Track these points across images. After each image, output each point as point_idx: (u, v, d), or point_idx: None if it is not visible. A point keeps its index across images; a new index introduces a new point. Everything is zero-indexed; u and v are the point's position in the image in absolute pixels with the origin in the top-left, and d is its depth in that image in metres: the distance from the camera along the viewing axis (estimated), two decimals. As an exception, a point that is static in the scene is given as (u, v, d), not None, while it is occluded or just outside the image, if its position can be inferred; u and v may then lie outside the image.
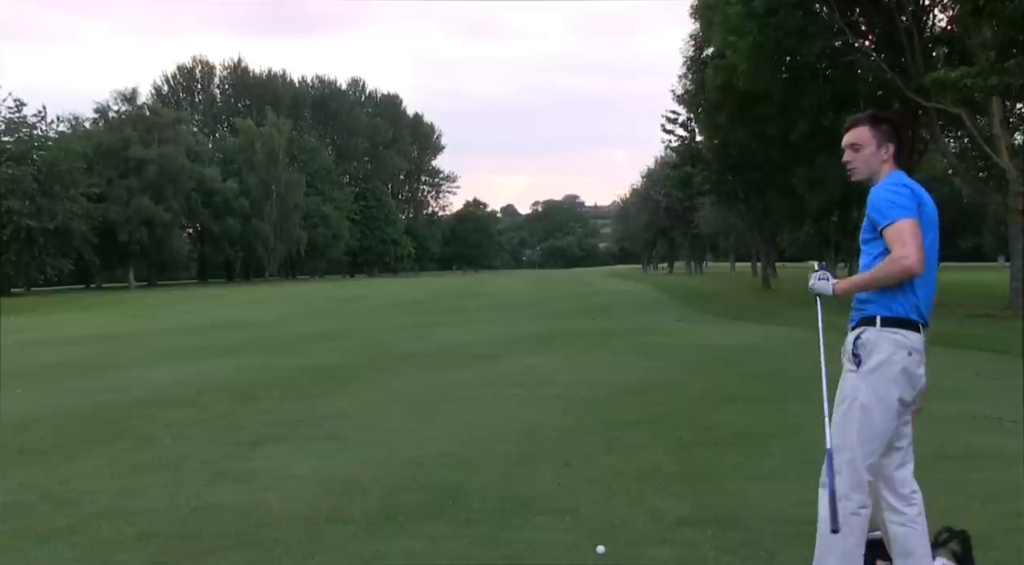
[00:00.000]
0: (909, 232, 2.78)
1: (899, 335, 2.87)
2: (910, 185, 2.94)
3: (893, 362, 2.86)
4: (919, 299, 2.89)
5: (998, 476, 4.82)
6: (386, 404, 7.83)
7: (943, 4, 22.73)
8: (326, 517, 4.28)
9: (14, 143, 52.11)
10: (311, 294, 42.18)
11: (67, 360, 12.92)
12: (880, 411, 2.88)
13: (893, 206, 2.83)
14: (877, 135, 3.03)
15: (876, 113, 3.15)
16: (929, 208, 2.93)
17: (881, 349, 2.87)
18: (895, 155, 3.05)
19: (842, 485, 2.87)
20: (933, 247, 2.93)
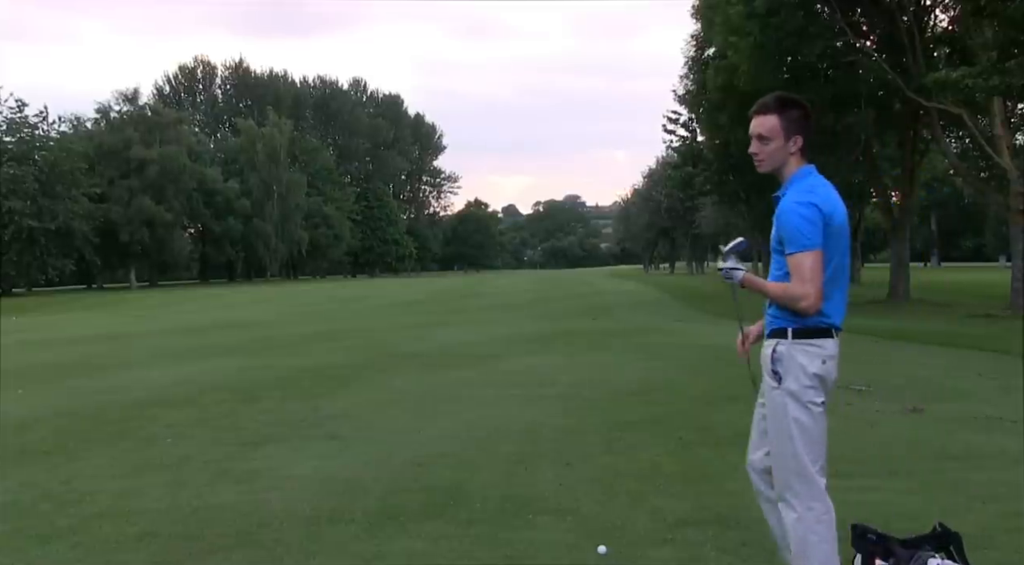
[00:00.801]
0: (810, 268, 2.78)
1: (812, 346, 2.90)
2: (817, 200, 2.85)
3: (810, 373, 2.90)
4: (832, 306, 2.91)
5: (999, 476, 4.82)
6: (387, 404, 7.84)
7: (944, 4, 22.74)
8: (327, 517, 4.29)
9: (16, 143, 52.18)
10: (312, 294, 42.19)
11: (68, 360, 12.94)
12: (811, 419, 2.93)
13: (799, 234, 2.80)
14: (785, 126, 2.93)
15: (784, 97, 3.01)
16: (839, 218, 2.89)
17: (796, 362, 2.90)
18: (803, 148, 2.96)
19: (802, 500, 2.91)
20: (845, 253, 2.95)
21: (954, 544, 3.33)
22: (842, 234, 2.91)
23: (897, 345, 12.49)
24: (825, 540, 2.92)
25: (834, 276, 2.90)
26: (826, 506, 2.94)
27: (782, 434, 2.97)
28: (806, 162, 2.99)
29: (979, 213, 67.66)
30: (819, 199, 2.85)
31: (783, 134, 2.93)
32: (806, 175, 2.96)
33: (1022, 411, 6.61)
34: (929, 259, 76.79)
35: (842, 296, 2.97)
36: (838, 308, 2.95)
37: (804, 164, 2.98)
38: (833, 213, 2.86)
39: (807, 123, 2.97)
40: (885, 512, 4.09)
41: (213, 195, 68.16)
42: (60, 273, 55.13)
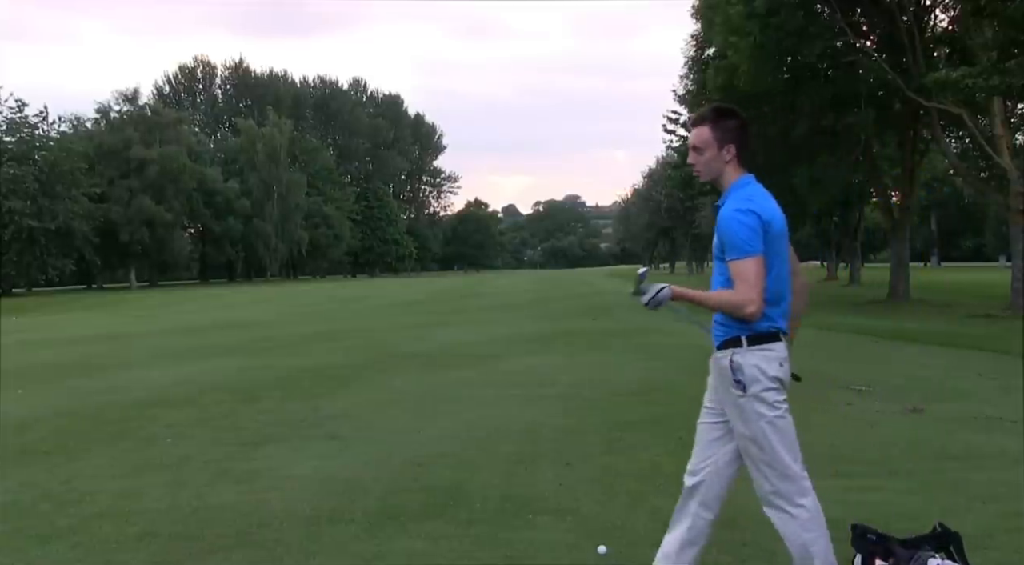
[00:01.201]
0: (753, 273, 2.83)
1: (767, 350, 2.97)
2: (755, 207, 2.90)
3: (770, 376, 2.97)
4: (778, 311, 2.98)
5: (999, 476, 4.82)
6: (387, 404, 7.84)
7: (944, 4, 22.75)
8: (327, 517, 4.29)
9: (16, 143, 52.16)
10: (312, 294, 42.19)
11: (68, 360, 12.94)
12: (782, 419, 3.02)
13: (741, 241, 2.85)
14: (718, 136, 2.99)
15: (720, 108, 3.09)
16: (777, 225, 2.94)
17: (755, 368, 2.96)
18: (738, 156, 3.02)
19: (792, 501, 3.00)
20: (785, 260, 3.01)
21: (954, 544, 3.33)
22: (782, 241, 2.98)
23: (897, 345, 12.49)
24: (822, 536, 2.97)
25: (777, 281, 2.96)
26: (814, 503, 3.02)
27: (758, 441, 3.03)
28: (744, 172, 3.04)
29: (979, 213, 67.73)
30: (758, 207, 2.90)
31: (716, 144, 2.99)
32: (744, 184, 3.01)
33: (1022, 411, 6.61)
34: (929, 259, 76.80)
35: (785, 301, 3.04)
36: (784, 312, 3.03)
37: (743, 174, 3.04)
38: (772, 220, 2.92)
39: (742, 133, 3.03)
40: (885, 512, 4.09)
41: (213, 195, 68.16)
42: (60, 273, 55.10)
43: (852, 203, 39.50)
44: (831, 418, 6.67)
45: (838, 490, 4.56)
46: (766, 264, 2.86)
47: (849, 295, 29.25)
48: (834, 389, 8.05)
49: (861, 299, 25.45)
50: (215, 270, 79.74)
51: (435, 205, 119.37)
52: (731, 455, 3.21)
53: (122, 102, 66.43)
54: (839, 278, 45.75)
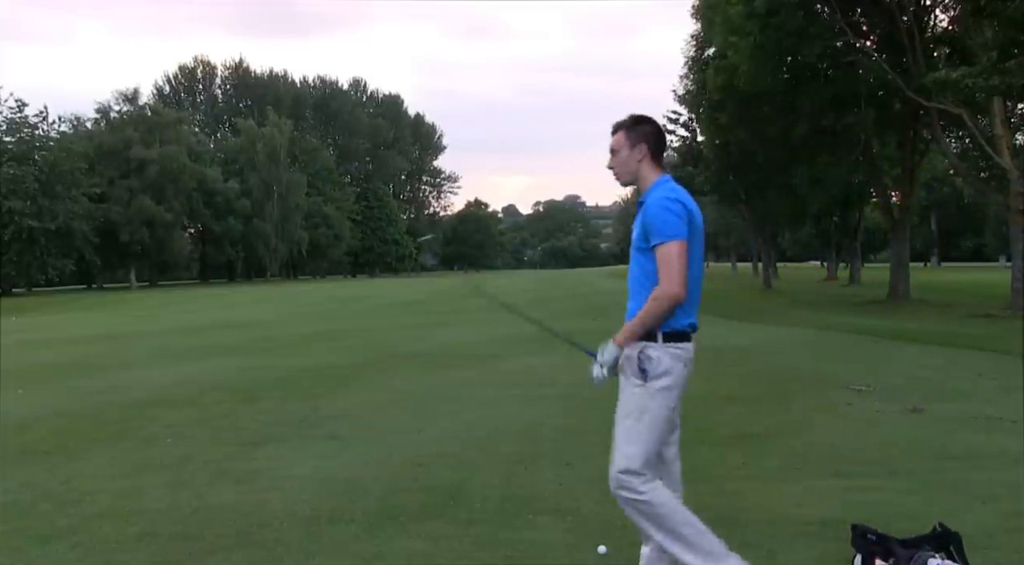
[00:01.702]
0: (677, 256, 2.92)
1: (679, 349, 3.03)
2: (682, 198, 3.02)
3: (676, 376, 3.04)
4: (689, 311, 3.05)
5: (999, 476, 4.81)
6: (387, 404, 7.84)
7: (944, 4, 22.73)
8: (327, 517, 4.29)
9: (15, 143, 52.15)
10: (312, 294, 42.19)
11: (68, 360, 12.94)
12: (662, 420, 3.08)
13: (667, 225, 2.94)
14: (631, 137, 3.14)
15: (636, 116, 3.23)
16: (697, 219, 3.05)
17: (665, 365, 3.01)
18: (651, 156, 3.14)
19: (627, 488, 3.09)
20: (699, 259, 3.07)
21: (954, 544, 3.33)
22: (696, 233, 3.04)
23: (897, 345, 12.49)
24: (670, 508, 3.04)
25: (694, 278, 3.03)
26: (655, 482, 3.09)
27: (631, 431, 3.09)
28: (663, 173, 3.16)
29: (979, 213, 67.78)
30: (683, 198, 3.03)
31: (627, 144, 3.15)
32: (665, 182, 3.12)
33: (1022, 411, 6.61)
34: (929, 259, 76.78)
35: (695, 300, 3.09)
36: (691, 313, 3.08)
37: (661, 174, 3.16)
38: (693, 212, 3.03)
39: (655, 136, 3.18)
40: (885, 512, 4.10)
41: (213, 195, 68.13)
42: (60, 273, 55.09)
43: (852, 203, 39.50)
44: (831, 418, 6.67)
45: (838, 490, 4.57)
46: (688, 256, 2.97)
47: (849, 295, 29.25)
48: (834, 389, 8.06)
49: (861, 299, 25.45)
50: (215, 270, 79.72)
51: (435, 205, 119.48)
52: (674, 443, 3.32)
53: (122, 102, 66.46)
54: (839, 278, 45.72)
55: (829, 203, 36.27)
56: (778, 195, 33.66)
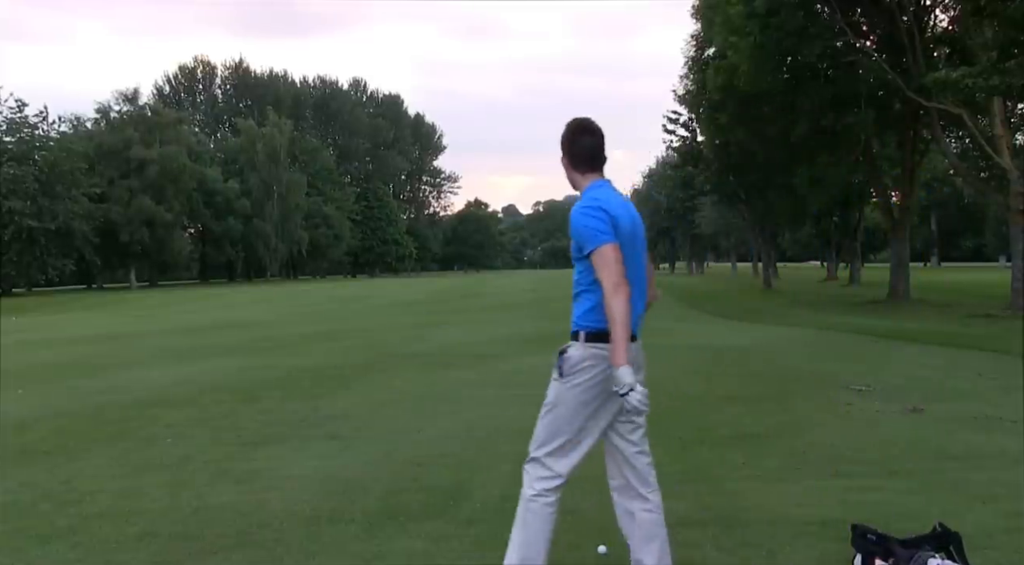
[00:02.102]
0: (611, 257, 2.91)
1: (601, 349, 2.99)
2: (603, 204, 3.00)
3: (594, 375, 3.02)
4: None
5: (999, 476, 4.82)
6: (387, 404, 7.84)
7: (944, 4, 22.74)
8: (327, 517, 4.29)
9: (15, 143, 52.13)
10: (312, 294, 42.19)
11: (68, 360, 12.94)
12: (571, 416, 3.10)
13: (591, 231, 2.94)
14: (561, 148, 3.20)
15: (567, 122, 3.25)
16: (624, 224, 3.02)
17: (583, 363, 3.02)
18: (572, 162, 3.17)
19: (528, 476, 3.16)
20: (632, 259, 3.06)
21: (954, 544, 3.33)
22: (627, 241, 3.02)
23: (897, 345, 12.49)
24: (537, 518, 3.10)
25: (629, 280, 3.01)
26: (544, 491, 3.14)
27: (543, 420, 3.18)
28: (596, 176, 3.16)
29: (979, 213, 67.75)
30: (604, 204, 3.01)
31: (563, 153, 3.21)
32: (595, 188, 3.13)
33: (1022, 411, 6.62)
34: (929, 259, 76.80)
35: (632, 302, 3.03)
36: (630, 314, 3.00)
37: (595, 178, 3.16)
38: (618, 217, 3.00)
39: (569, 141, 3.18)
40: (885, 512, 4.10)
41: (213, 195, 68.14)
42: (60, 273, 55.07)
43: (852, 203, 39.47)
44: (831, 418, 6.67)
45: (838, 490, 4.57)
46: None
47: (849, 295, 29.24)
48: (834, 389, 8.06)
49: (861, 299, 25.45)
50: (215, 270, 79.73)
51: (435, 205, 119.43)
52: (634, 442, 3.28)
53: (122, 102, 66.42)
54: (839, 278, 45.72)
55: (829, 203, 36.24)
56: (778, 195, 33.66)
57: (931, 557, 3.21)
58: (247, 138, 74.45)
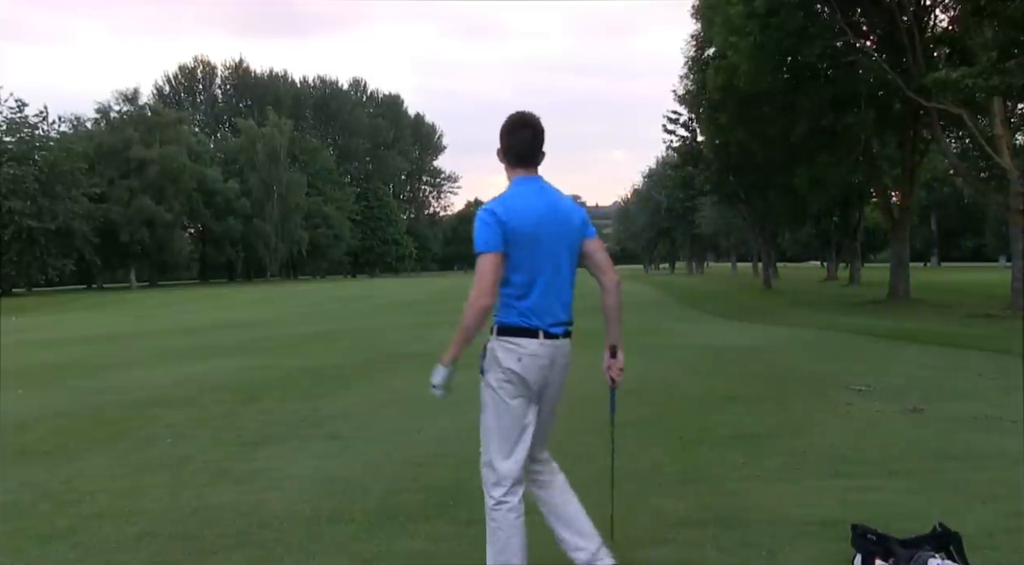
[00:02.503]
0: (482, 269, 2.96)
1: (511, 344, 3.06)
2: (497, 206, 3.01)
3: (506, 369, 3.07)
4: (533, 308, 3.05)
5: (999, 476, 4.81)
6: (387, 404, 7.84)
7: (944, 4, 22.72)
8: (327, 517, 4.29)
9: (16, 143, 52.13)
10: (312, 294, 42.18)
11: (68, 360, 12.94)
12: (503, 414, 3.12)
13: (477, 237, 3.00)
14: (501, 139, 3.17)
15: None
16: (524, 225, 3.00)
17: (496, 357, 3.09)
18: (504, 157, 3.15)
19: (485, 484, 3.13)
20: (545, 258, 3.05)
21: (954, 544, 3.33)
22: (531, 240, 3.01)
23: (897, 345, 12.48)
24: (501, 527, 3.07)
25: (532, 280, 3.03)
26: (503, 497, 3.09)
27: (482, 423, 3.20)
28: (521, 172, 3.14)
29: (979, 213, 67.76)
30: (501, 206, 3.01)
31: (499, 142, 3.19)
32: (514, 184, 3.14)
33: (1022, 411, 6.61)
34: (929, 259, 76.79)
35: (547, 300, 3.08)
36: (541, 311, 3.07)
37: (522, 174, 3.14)
38: (511, 220, 2.98)
39: (504, 135, 3.14)
40: (885, 512, 4.09)
41: (213, 195, 68.17)
42: (60, 273, 55.08)
43: (852, 203, 39.46)
44: (831, 418, 6.67)
45: (838, 490, 4.57)
46: (511, 261, 2.99)
47: (849, 295, 29.24)
48: (834, 389, 8.06)
49: (861, 299, 25.44)
50: (215, 270, 79.75)
51: (435, 205, 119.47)
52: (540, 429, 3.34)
53: (122, 102, 66.44)
54: (839, 278, 45.71)
55: (829, 203, 36.23)
56: (778, 195, 33.66)
57: (931, 557, 3.21)
58: (247, 138, 74.48)
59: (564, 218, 3.11)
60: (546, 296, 3.07)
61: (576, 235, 3.15)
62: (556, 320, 3.10)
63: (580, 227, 3.17)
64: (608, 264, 3.22)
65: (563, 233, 3.10)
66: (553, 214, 3.08)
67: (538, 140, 3.15)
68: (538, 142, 3.15)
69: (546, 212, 3.06)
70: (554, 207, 3.09)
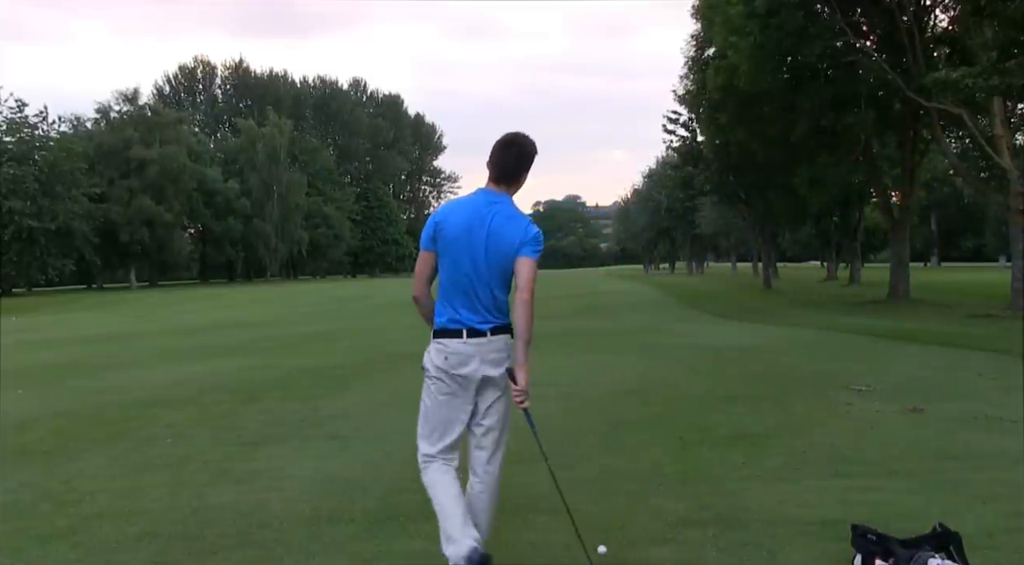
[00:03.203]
0: (417, 266, 3.45)
1: (439, 344, 3.37)
2: (443, 211, 3.38)
3: (434, 366, 3.41)
4: (456, 311, 3.30)
5: (999, 476, 4.82)
6: (387, 404, 7.84)
7: (944, 4, 22.71)
8: (327, 517, 4.29)
9: (16, 143, 52.11)
10: (312, 294, 42.19)
11: (68, 360, 12.94)
12: (431, 407, 3.55)
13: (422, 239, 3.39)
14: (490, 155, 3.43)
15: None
16: (451, 227, 3.26)
17: (428, 357, 3.45)
18: (489, 169, 3.37)
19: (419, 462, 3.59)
20: (462, 263, 3.26)
21: (954, 544, 3.33)
22: (453, 245, 3.26)
23: (897, 345, 12.49)
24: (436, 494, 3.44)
25: (453, 282, 3.29)
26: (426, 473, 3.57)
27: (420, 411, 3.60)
28: (486, 186, 3.38)
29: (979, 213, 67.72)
30: (442, 210, 3.41)
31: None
32: (473, 192, 3.42)
33: (1022, 411, 6.61)
34: (929, 259, 76.76)
35: (466, 301, 3.30)
36: (459, 312, 3.31)
37: (488, 186, 3.38)
38: (440, 224, 3.30)
39: (495, 149, 3.36)
40: (885, 512, 4.09)
41: (213, 195, 68.15)
42: (60, 273, 55.07)
43: (852, 203, 39.45)
44: (831, 418, 6.67)
45: (838, 490, 4.57)
46: (436, 263, 3.36)
47: (849, 295, 29.24)
48: (834, 389, 8.06)
49: (861, 299, 25.44)
50: (215, 270, 79.73)
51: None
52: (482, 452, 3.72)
53: (122, 102, 66.39)
54: (839, 278, 45.71)
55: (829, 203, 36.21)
56: (778, 195, 33.62)
57: (931, 557, 3.21)
58: (247, 138, 74.44)
59: (495, 231, 3.24)
60: (465, 298, 3.28)
61: (505, 249, 3.25)
62: (482, 319, 3.29)
63: (515, 244, 3.26)
64: (524, 283, 3.29)
65: (488, 246, 3.24)
66: (479, 224, 3.24)
67: (521, 162, 3.33)
68: (520, 163, 3.34)
69: (472, 221, 3.24)
70: (482, 219, 3.24)
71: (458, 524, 3.28)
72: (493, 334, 3.31)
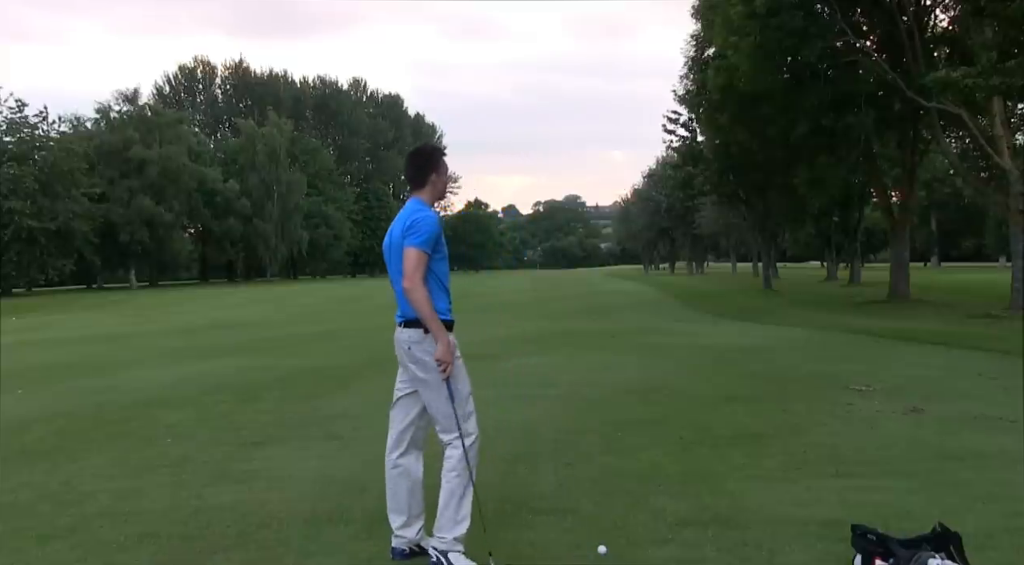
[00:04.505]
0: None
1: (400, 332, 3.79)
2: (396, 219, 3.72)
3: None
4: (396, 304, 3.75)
5: (999, 476, 4.81)
6: (387, 404, 7.80)
7: (944, 4, 22.72)
8: (327, 517, 4.29)
9: (15, 143, 52.12)
10: (312, 294, 42.19)
11: (68, 360, 12.94)
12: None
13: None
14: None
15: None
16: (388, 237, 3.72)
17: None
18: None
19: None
20: (391, 263, 3.69)
21: (954, 544, 3.33)
22: (387, 249, 3.72)
23: (897, 345, 12.49)
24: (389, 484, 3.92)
25: (393, 281, 3.71)
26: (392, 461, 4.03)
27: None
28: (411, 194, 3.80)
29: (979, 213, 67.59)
30: (399, 216, 3.72)
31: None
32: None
33: (1022, 411, 6.61)
34: (929, 259, 76.76)
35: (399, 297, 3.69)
36: (399, 309, 3.73)
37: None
38: (389, 231, 3.73)
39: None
40: (885, 512, 4.09)
41: (213, 195, 68.14)
42: (60, 273, 55.08)
43: (852, 203, 39.46)
44: (831, 418, 6.67)
45: (838, 490, 4.57)
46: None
47: (849, 295, 29.24)
48: (834, 389, 8.06)
49: (861, 299, 25.44)
50: (215, 270, 79.73)
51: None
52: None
53: (122, 102, 66.48)
54: (839, 278, 45.71)
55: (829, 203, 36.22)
56: (778, 195, 33.63)
57: (931, 557, 3.21)
58: (247, 138, 74.41)
59: (393, 229, 3.66)
60: (398, 294, 3.65)
61: (396, 243, 3.62)
62: (400, 312, 3.71)
63: (399, 237, 3.59)
64: (407, 271, 3.55)
65: (394, 243, 3.64)
66: (394, 230, 3.66)
67: (409, 169, 3.77)
68: (412, 169, 3.76)
69: (393, 229, 3.67)
70: (398, 225, 3.63)
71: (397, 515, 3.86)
72: (402, 326, 3.72)
